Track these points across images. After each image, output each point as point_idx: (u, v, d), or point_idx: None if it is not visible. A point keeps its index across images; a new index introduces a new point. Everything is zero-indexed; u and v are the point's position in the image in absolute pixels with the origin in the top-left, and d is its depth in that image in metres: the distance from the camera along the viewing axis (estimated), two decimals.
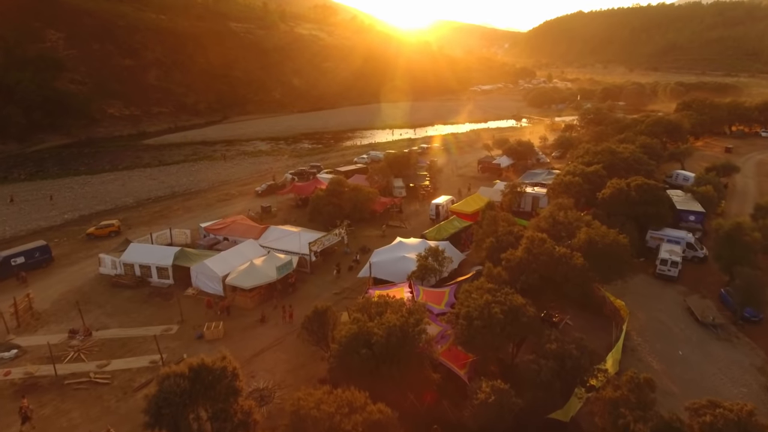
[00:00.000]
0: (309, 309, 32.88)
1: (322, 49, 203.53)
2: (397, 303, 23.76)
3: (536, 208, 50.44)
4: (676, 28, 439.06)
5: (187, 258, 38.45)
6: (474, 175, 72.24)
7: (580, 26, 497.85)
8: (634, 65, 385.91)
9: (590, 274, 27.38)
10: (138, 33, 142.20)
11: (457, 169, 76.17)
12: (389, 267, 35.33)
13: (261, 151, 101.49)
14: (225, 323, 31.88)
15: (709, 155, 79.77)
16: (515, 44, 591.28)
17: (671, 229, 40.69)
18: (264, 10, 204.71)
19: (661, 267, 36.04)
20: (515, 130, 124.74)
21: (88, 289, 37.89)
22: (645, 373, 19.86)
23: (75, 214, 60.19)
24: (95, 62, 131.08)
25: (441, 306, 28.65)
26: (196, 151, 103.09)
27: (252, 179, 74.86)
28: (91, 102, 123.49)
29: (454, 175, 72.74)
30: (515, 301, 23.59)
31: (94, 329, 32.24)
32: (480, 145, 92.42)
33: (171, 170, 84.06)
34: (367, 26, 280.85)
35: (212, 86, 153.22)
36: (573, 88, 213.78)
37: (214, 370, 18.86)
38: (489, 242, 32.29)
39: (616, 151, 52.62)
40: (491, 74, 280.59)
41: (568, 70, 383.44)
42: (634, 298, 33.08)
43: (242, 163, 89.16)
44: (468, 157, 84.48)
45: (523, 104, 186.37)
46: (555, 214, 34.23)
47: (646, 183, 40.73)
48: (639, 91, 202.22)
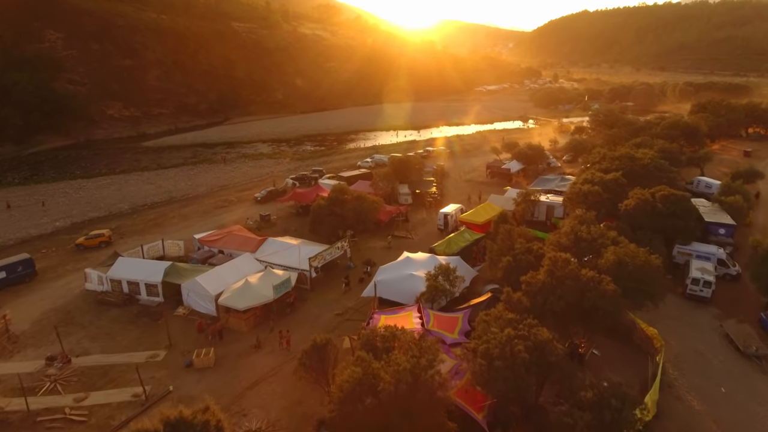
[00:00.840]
0: (308, 333, 30.29)
1: (326, 49, 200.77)
2: (406, 338, 20.91)
3: (551, 218, 47.52)
4: (682, 27, 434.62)
5: (178, 274, 35.77)
6: (482, 181, 69.26)
7: (585, 26, 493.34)
8: (640, 65, 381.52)
9: (623, 301, 24.49)
10: (138, 33, 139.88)
11: (464, 174, 73.22)
12: (396, 286, 32.51)
13: (262, 153, 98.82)
14: (216, 349, 29.15)
15: (728, 159, 76.52)
16: (520, 44, 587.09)
17: (700, 244, 37.67)
18: (267, 10, 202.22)
19: (692, 287, 33.03)
20: (523, 132, 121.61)
21: (72, 308, 35.24)
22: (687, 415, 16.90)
23: (67, 222, 57.68)
24: (94, 63, 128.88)
25: (454, 335, 25.81)
26: (196, 153, 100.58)
27: (252, 184, 72.15)
28: (90, 103, 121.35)
29: (462, 181, 69.79)
30: (541, 336, 20.71)
31: (75, 355, 29.57)
32: (487, 147, 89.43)
33: (169, 174, 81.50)
34: (371, 26, 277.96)
35: (214, 87, 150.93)
36: (580, 89, 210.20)
37: (194, 425, 16.11)
38: (506, 261, 29.41)
39: (635, 157, 49.57)
40: (496, 74, 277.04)
41: (574, 69, 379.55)
42: (663, 322, 30.11)
43: (242, 166, 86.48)
44: (475, 161, 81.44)
45: (529, 105, 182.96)
46: (577, 229, 31.31)
47: (673, 194, 37.73)
48: (647, 91, 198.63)
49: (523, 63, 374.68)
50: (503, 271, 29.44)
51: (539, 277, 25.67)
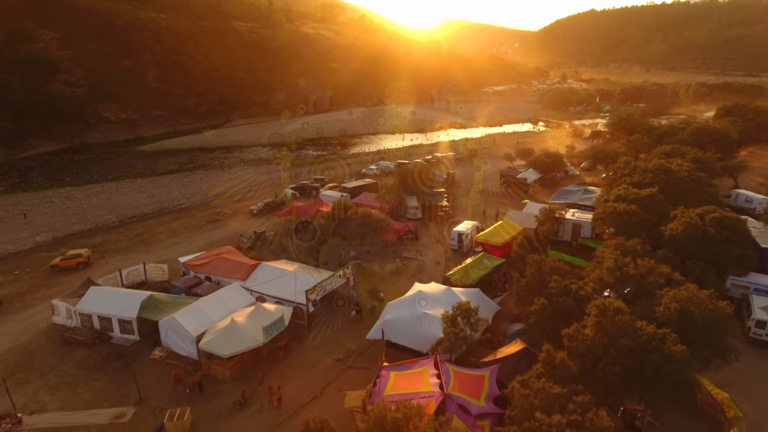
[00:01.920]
0: (304, 385, 25.78)
1: (330, 49, 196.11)
2: (424, 429, 16.14)
3: (578, 239, 42.61)
4: (691, 26, 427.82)
5: (156, 308, 31.14)
6: (496, 191, 64.40)
7: (592, 25, 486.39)
8: (650, 65, 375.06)
9: (694, 363, 19.65)
10: (136, 33, 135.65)
11: (476, 183, 68.36)
12: (407, 328, 27.76)
13: (261, 159, 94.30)
14: (194, 407, 24.55)
15: (760, 168, 71.19)
16: (525, 43, 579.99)
17: (757, 275, 32.65)
18: (269, 9, 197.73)
19: (757, 330, 28.08)
20: (534, 136, 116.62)
21: (33, 347, 30.69)
22: None
23: (48, 236, 53.33)
24: (91, 63, 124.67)
25: (480, 401, 20.98)
26: (193, 158, 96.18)
27: (249, 194, 67.53)
28: (86, 105, 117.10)
29: (474, 191, 64.93)
30: (601, 424, 15.93)
31: (28, 412, 25.04)
32: (499, 152, 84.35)
33: (163, 181, 77.07)
34: (376, 25, 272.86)
35: (214, 88, 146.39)
36: (590, 89, 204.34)
37: None
38: (539, 305, 24.58)
39: (671, 170, 44.52)
40: (503, 74, 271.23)
41: (582, 69, 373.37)
42: (725, 375, 25.15)
43: (240, 172, 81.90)
44: (487, 169, 76.43)
45: (538, 106, 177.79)
46: (622, 264, 26.42)
47: (726, 216, 32.75)
48: (660, 92, 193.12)
49: (530, 63, 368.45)
50: (536, 316, 24.62)
51: (586, 331, 20.85)
